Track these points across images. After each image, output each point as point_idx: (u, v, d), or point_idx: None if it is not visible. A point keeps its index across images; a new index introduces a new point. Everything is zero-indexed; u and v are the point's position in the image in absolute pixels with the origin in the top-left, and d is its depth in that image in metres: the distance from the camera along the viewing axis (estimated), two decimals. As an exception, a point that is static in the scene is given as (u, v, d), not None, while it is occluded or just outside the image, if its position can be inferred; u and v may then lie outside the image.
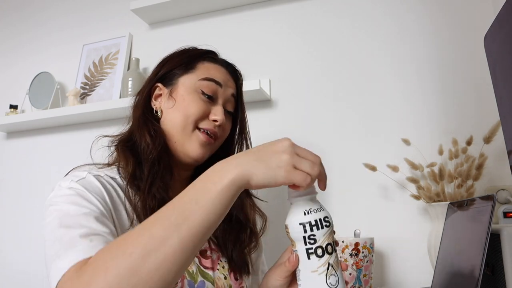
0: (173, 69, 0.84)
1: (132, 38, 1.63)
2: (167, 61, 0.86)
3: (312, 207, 0.56)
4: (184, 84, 0.81)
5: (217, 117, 0.80)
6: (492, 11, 1.19)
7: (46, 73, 1.66)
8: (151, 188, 0.72)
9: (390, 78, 1.28)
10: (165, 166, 0.76)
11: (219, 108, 0.81)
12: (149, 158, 0.75)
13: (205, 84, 0.80)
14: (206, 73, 0.82)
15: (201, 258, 0.79)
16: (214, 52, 0.89)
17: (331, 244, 0.56)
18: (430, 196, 1.05)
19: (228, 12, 1.50)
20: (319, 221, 0.55)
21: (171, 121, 0.80)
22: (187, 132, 0.78)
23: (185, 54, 0.86)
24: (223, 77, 0.84)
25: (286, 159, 0.52)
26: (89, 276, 0.47)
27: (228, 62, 0.89)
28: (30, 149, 1.69)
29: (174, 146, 0.79)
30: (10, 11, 1.88)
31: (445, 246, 0.81)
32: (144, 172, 0.74)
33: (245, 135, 0.90)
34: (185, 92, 0.80)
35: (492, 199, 0.61)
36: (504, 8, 0.65)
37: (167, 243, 0.47)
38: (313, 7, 1.40)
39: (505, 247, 0.65)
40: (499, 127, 0.98)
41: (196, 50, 0.88)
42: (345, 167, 1.27)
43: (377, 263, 1.18)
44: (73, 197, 0.64)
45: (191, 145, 0.78)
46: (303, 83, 1.36)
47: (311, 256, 0.55)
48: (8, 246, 1.64)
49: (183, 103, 0.79)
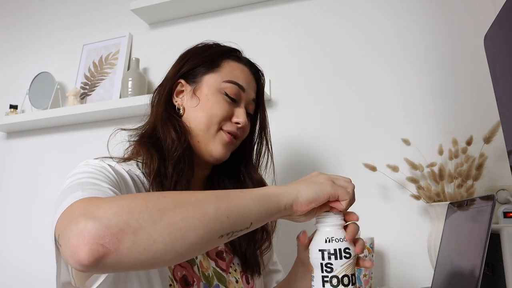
0: (197, 67, 0.82)
1: (132, 38, 1.63)
2: (190, 57, 0.84)
3: (334, 236, 0.57)
4: (208, 83, 0.80)
5: (239, 119, 0.80)
6: (492, 11, 1.19)
7: (46, 73, 1.66)
8: (176, 186, 0.71)
9: (390, 78, 1.28)
10: (189, 164, 0.75)
11: (242, 110, 0.81)
12: (174, 155, 0.73)
13: (229, 87, 0.80)
14: (230, 74, 0.81)
15: (218, 260, 0.79)
16: (239, 50, 0.88)
17: (349, 277, 0.55)
18: (430, 196, 1.05)
19: (228, 12, 1.51)
20: (339, 251, 0.56)
21: (195, 120, 0.79)
22: (211, 133, 0.78)
23: (209, 50, 0.84)
24: (247, 78, 0.83)
25: (326, 177, 0.59)
26: (111, 199, 0.46)
27: (251, 62, 0.88)
28: (30, 149, 1.69)
29: (197, 145, 0.79)
30: (10, 11, 1.88)
31: (445, 246, 0.81)
32: (168, 170, 0.72)
33: (266, 134, 0.90)
34: (209, 92, 0.79)
35: (492, 199, 0.61)
36: (504, 8, 0.65)
37: (203, 204, 0.48)
38: (313, 7, 1.40)
39: (505, 247, 0.65)
40: (499, 127, 0.98)
41: (220, 47, 0.86)
42: (345, 167, 1.27)
43: (377, 263, 1.18)
44: (100, 171, 0.62)
45: (214, 145, 0.78)
46: (303, 83, 1.36)
47: (325, 284, 0.56)
48: (8, 246, 1.64)
49: (207, 103, 0.79)
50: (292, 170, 1.31)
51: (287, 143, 1.34)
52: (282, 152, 1.33)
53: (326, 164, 1.29)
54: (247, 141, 0.88)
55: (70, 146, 1.62)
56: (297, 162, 1.32)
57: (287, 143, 1.34)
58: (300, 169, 1.31)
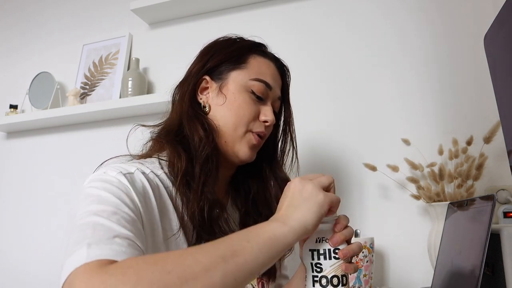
0: (223, 63, 0.79)
1: (132, 38, 1.63)
2: (215, 52, 0.80)
3: (325, 236, 0.57)
4: (235, 80, 0.77)
5: (267, 117, 0.77)
6: (492, 11, 1.19)
7: (46, 73, 1.66)
8: (204, 187, 0.69)
9: (390, 78, 1.28)
10: (217, 164, 0.73)
11: (269, 108, 0.79)
12: (202, 154, 0.71)
13: (257, 85, 0.77)
14: (257, 70, 0.78)
15: None
16: (264, 45, 0.85)
17: (338, 277, 0.55)
18: (430, 196, 1.05)
19: (228, 12, 1.51)
20: (328, 251, 0.55)
21: (222, 119, 0.76)
22: (239, 134, 0.76)
23: (234, 45, 0.81)
24: (273, 75, 0.81)
25: (314, 188, 0.56)
26: (116, 277, 0.42)
27: (277, 58, 0.86)
28: (30, 149, 1.69)
29: (224, 145, 0.76)
30: (10, 11, 1.88)
31: (445, 246, 0.81)
32: (196, 170, 0.69)
33: (290, 132, 0.87)
34: (236, 90, 0.77)
35: (492, 199, 0.61)
36: (504, 8, 0.65)
37: (209, 273, 0.44)
38: (312, 8, 1.40)
39: (505, 247, 0.65)
40: (499, 127, 0.98)
41: (245, 41, 0.84)
42: (345, 167, 1.27)
43: (377, 263, 1.18)
44: (117, 190, 0.58)
45: (241, 147, 0.76)
46: (303, 83, 1.36)
47: (315, 284, 0.56)
48: (8, 246, 1.63)
49: (235, 102, 0.76)
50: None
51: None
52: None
53: (326, 164, 1.29)
54: (270, 139, 0.85)
55: (70, 146, 1.62)
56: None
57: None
58: (300, 170, 1.31)
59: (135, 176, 0.63)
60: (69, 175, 1.57)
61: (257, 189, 0.84)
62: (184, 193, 0.68)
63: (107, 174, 0.60)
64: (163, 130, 0.77)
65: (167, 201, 0.67)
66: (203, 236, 0.67)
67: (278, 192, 0.82)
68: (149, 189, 0.63)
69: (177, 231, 0.66)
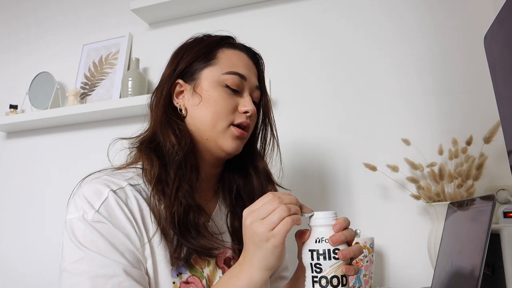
0: (192, 63, 0.78)
1: (132, 38, 1.63)
2: (183, 54, 0.80)
3: (325, 237, 0.56)
4: (207, 78, 0.77)
5: (247, 108, 0.76)
6: (492, 11, 1.19)
7: (46, 73, 1.66)
8: (178, 192, 0.69)
9: (390, 78, 1.28)
10: (192, 168, 0.73)
11: (247, 98, 0.77)
12: (175, 159, 0.71)
13: (230, 78, 0.76)
14: (228, 64, 0.77)
15: (225, 267, 0.76)
16: (232, 37, 0.84)
17: (338, 278, 0.55)
18: (430, 196, 1.05)
19: (228, 12, 1.51)
20: (328, 251, 0.55)
21: (200, 119, 0.76)
22: (219, 129, 0.75)
23: (201, 43, 0.81)
24: (246, 65, 0.80)
25: (261, 232, 0.57)
26: None
27: (247, 47, 0.84)
28: (30, 149, 1.69)
29: (206, 143, 0.76)
30: (10, 11, 1.88)
31: (445, 246, 0.81)
32: (170, 175, 0.70)
33: (270, 120, 0.86)
34: (209, 87, 0.76)
35: (492, 199, 0.61)
36: (504, 8, 0.65)
37: None
38: (313, 7, 1.40)
39: (505, 247, 0.65)
40: (499, 127, 0.98)
41: (212, 37, 0.82)
42: (345, 167, 1.27)
43: (377, 263, 1.18)
44: (100, 243, 0.62)
45: (225, 140, 0.75)
46: (304, 83, 1.37)
47: (315, 285, 0.56)
48: (7, 246, 1.63)
49: (210, 99, 0.75)
50: (292, 170, 1.31)
51: (287, 143, 1.34)
52: (281, 152, 1.33)
53: (326, 164, 1.29)
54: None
55: (70, 146, 1.62)
56: (297, 162, 1.32)
57: (287, 143, 1.34)
58: (300, 169, 1.31)
59: (110, 203, 0.65)
60: (69, 175, 1.56)
61: (242, 184, 0.83)
62: (159, 200, 0.69)
63: (86, 220, 0.64)
64: (139, 139, 0.78)
65: (145, 209, 0.69)
66: (183, 242, 0.68)
67: (259, 185, 0.82)
68: (126, 213, 0.66)
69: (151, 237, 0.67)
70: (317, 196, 1.29)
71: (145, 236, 0.67)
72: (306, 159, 1.31)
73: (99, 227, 0.63)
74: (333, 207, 1.24)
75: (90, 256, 0.61)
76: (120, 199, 0.66)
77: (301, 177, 1.31)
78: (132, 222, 0.66)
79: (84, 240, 0.62)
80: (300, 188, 1.29)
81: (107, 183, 0.68)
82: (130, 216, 0.66)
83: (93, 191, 0.67)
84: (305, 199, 1.27)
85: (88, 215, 0.64)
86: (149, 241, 0.67)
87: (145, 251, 0.66)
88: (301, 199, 0.61)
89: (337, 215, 0.59)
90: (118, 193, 0.67)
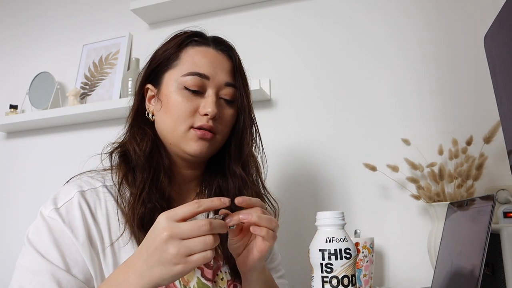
0: (157, 66, 0.77)
1: (132, 38, 1.63)
2: (153, 59, 0.79)
3: (335, 236, 0.56)
4: (168, 82, 0.75)
5: (206, 110, 0.72)
6: (492, 11, 1.19)
7: (46, 73, 1.66)
8: (141, 195, 0.69)
9: (390, 78, 1.28)
10: (157, 171, 0.73)
11: (209, 99, 0.73)
12: (138, 163, 0.72)
13: (189, 79, 0.73)
14: (190, 64, 0.74)
15: (205, 268, 0.74)
16: (199, 33, 0.79)
17: (348, 277, 0.55)
18: (430, 196, 1.05)
19: (228, 12, 1.51)
20: (339, 251, 0.55)
21: (162, 124, 0.75)
22: (179, 133, 0.73)
23: (166, 46, 0.79)
24: (212, 62, 0.75)
25: (173, 254, 0.52)
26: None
27: (218, 40, 0.79)
28: (30, 149, 1.69)
29: (171, 147, 0.76)
30: (10, 11, 1.88)
31: (445, 246, 0.81)
32: (137, 178, 0.72)
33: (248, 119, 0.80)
34: (168, 91, 0.74)
35: (492, 199, 0.61)
36: (504, 8, 0.65)
37: None
38: (312, 8, 1.40)
39: (505, 247, 0.65)
40: (499, 127, 0.98)
41: (177, 37, 0.79)
42: (345, 167, 1.27)
43: (377, 263, 1.18)
44: (45, 237, 0.65)
45: (187, 144, 0.73)
46: (303, 83, 1.36)
47: (325, 285, 0.55)
48: (7, 246, 1.64)
49: (168, 104, 0.74)
50: (292, 170, 1.31)
51: (287, 143, 1.34)
52: (281, 152, 1.33)
53: (326, 164, 1.29)
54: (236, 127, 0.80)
55: (70, 146, 1.62)
56: (297, 162, 1.32)
57: (287, 143, 1.34)
58: (300, 170, 1.31)
59: (72, 204, 0.68)
60: (69, 175, 1.56)
61: (222, 184, 0.81)
62: (125, 201, 0.71)
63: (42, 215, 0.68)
64: (112, 144, 0.79)
65: (112, 210, 0.71)
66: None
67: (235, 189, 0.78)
68: (85, 214, 0.68)
69: (118, 238, 0.69)
70: (317, 196, 1.29)
71: (108, 237, 0.69)
72: (306, 159, 1.31)
73: (51, 222, 0.67)
74: (333, 207, 1.24)
75: (28, 251, 0.66)
76: (85, 202, 0.69)
77: (301, 178, 1.30)
78: (90, 225, 0.68)
79: (32, 234, 0.67)
80: (300, 189, 1.29)
81: (82, 183, 0.72)
82: (90, 220, 0.68)
83: (63, 191, 0.72)
84: (305, 199, 1.27)
85: (46, 211, 0.68)
86: (114, 242, 0.68)
87: (106, 251, 0.68)
88: (301, 200, 0.62)
89: (344, 215, 0.59)
90: (87, 194, 0.70)
